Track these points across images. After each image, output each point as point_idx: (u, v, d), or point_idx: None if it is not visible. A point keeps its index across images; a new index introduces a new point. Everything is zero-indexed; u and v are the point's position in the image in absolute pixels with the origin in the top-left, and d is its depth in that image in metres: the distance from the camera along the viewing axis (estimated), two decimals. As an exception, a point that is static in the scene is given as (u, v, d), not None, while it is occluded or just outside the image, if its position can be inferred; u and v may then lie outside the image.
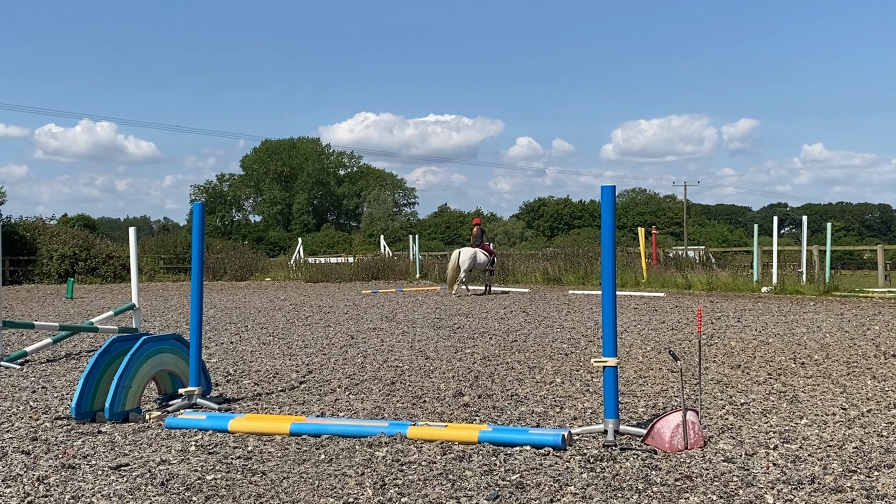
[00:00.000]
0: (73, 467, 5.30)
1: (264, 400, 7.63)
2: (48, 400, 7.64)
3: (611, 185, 6.05)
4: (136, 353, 6.86)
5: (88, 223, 51.37)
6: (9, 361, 9.81)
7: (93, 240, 33.81)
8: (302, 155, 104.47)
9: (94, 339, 12.26)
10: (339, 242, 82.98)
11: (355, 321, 14.94)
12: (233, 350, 11.09)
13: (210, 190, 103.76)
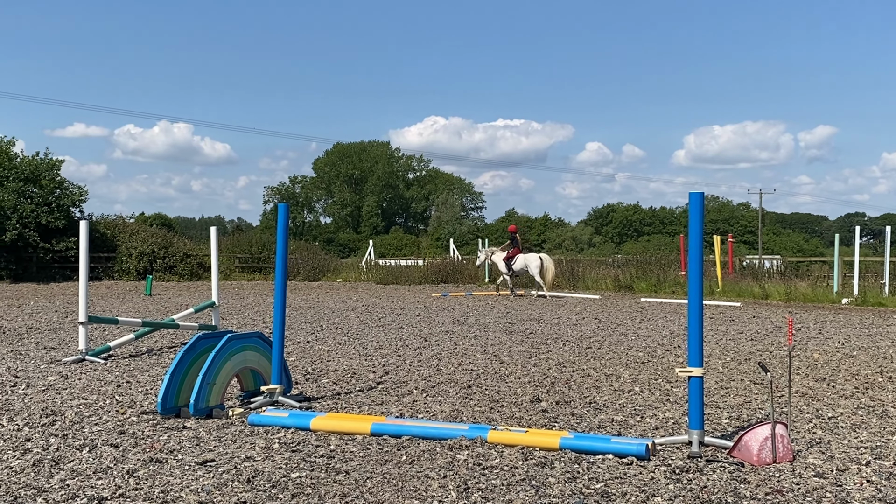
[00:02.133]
0: (161, 461, 5.41)
1: (343, 399, 7.69)
2: (133, 394, 7.82)
3: (699, 192, 5.93)
4: (221, 351, 6.98)
5: (165, 222, 52.57)
6: (93, 356, 10.08)
7: (170, 238, 34.63)
8: (372, 158, 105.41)
9: (174, 336, 12.52)
10: (407, 245, 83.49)
11: (427, 324, 14.98)
12: (310, 349, 11.22)
13: (283, 191, 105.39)
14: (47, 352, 10.81)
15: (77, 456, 5.50)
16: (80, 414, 6.84)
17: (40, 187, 31.74)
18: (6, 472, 5.12)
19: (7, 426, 6.36)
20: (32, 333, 12.95)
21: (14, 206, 29.86)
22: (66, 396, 7.63)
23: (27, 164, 32.20)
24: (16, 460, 5.37)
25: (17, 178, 31.23)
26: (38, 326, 14.07)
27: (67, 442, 5.87)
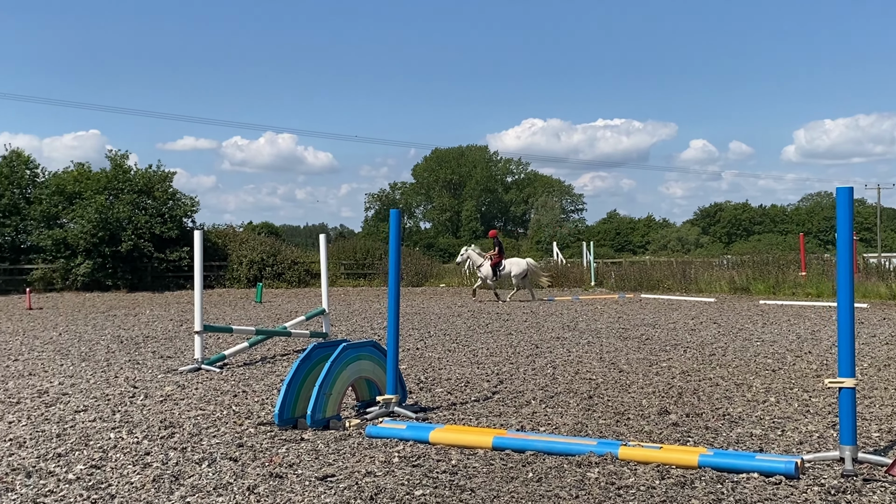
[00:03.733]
0: (281, 476, 5.25)
1: (459, 410, 7.43)
2: (249, 404, 7.74)
3: (848, 187, 5.45)
4: (337, 360, 6.82)
5: (272, 230, 53.65)
6: (209, 365, 10.12)
7: (279, 246, 35.23)
8: (470, 162, 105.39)
9: (286, 343, 12.53)
10: (508, 249, 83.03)
11: (536, 329, 14.63)
12: (420, 357, 11.03)
13: (383, 198, 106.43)
14: (164, 361, 10.93)
15: (197, 471, 5.39)
16: (198, 426, 6.78)
17: (154, 199, 32.72)
18: (126, 487, 5.04)
19: (127, 439, 6.33)
20: (149, 342, 13.17)
21: (129, 217, 30.84)
22: (184, 407, 7.60)
23: (141, 176, 33.26)
24: (136, 475, 5.29)
25: (131, 190, 32.28)
26: (155, 335, 14.33)
27: (186, 455, 5.78)
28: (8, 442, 6.26)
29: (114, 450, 5.97)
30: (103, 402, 7.86)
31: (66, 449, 6.01)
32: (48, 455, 5.83)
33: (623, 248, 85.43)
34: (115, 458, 5.74)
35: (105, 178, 32.73)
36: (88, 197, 31.39)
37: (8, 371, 10.07)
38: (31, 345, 12.90)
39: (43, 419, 7.13)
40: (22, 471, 5.41)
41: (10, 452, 5.93)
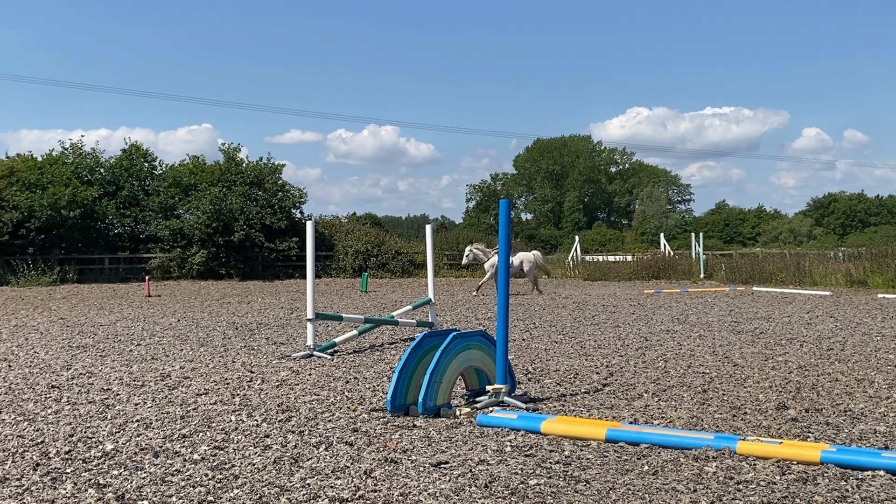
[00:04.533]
0: (396, 462, 5.33)
1: (569, 401, 7.39)
2: (361, 391, 7.89)
3: None
4: (447, 349, 6.88)
5: (375, 221, 54.35)
6: (320, 352, 10.36)
7: (383, 237, 35.74)
8: (573, 153, 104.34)
9: (393, 332, 12.70)
10: (611, 240, 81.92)
11: (645, 322, 14.42)
12: (526, 347, 11.01)
13: (484, 189, 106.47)
14: (277, 347, 11.23)
15: (315, 454, 5.53)
16: (313, 410, 6.95)
17: (264, 190, 33.60)
18: (249, 468, 5.21)
19: (247, 422, 6.54)
20: (262, 329, 13.56)
21: (241, 208, 31.77)
22: (299, 392, 7.80)
23: (252, 169, 34.22)
24: (257, 457, 5.46)
25: (243, 182, 33.24)
26: (267, 322, 14.74)
27: (304, 439, 5.94)
28: (136, 423, 6.56)
29: (235, 432, 6.18)
30: (223, 386, 8.15)
31: (189, 430, 6.25)
32: (173, 436, 6.08)
33: (732, 240, 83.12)
34: (237, 439, 5.94)
35: (218, 171, 33.81)
36: (203, 189, 32.49)
37: (132, 355, 10.53)
38: (151, 330, 13.45)
39: (167, 401, 7.43)
40: (150, 450, 5.66)
41: (138, 433, 6.21)
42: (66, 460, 5.44)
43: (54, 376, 8.88)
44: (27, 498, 4.66)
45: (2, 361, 10.03)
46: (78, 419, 6.71)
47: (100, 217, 32.25)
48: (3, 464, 5.37)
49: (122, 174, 33.70)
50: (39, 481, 4.97)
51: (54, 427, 6.43)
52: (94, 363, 9.84)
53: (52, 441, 5.96)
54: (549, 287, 26.47)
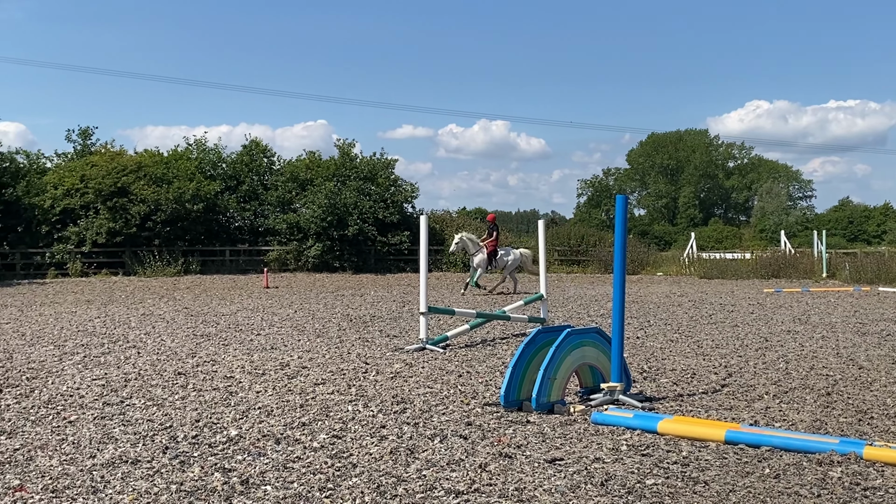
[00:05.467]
0: (510, 457, 5.34)
1: (687, 402, 7.24)
2: (474, 385, 7.93)
3: None
4: (561, 345, 6.84)
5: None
6: (433, 345, 10.46)
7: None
8: (689, 147, 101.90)
9: (504, 327, 12.71)
10: (728, 237, 79.66)
11: (765, 322, 13.97)
12: (641, 346, 10.84)
13: (596, 184, 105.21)
14: (390, 340, 11.40)
15: (430, 445, 5.60)
16: (427, 403, 7.03)
17: (377, 185, 34.12)
18: (367, 458, 5.32)
19: (363, 412, 6.67)
20: (375, 321, 13.79)
21: (355, 202, 32.35)
22: (413, 385, 7.90)
23: (365, 164, 34.79)
24: (374, 447, 5.57)
25: (357, 177, 33.83)
26: (380, 315, 14.97)
27: (419, 431, 6.02)
28: (257, 410, 6.78)
29: (352, 421, 6.32)
30: (339, 377, 8.33)
31: (309, 419, 6.42)
32: (294, 424, 6.26)
33: (856, 238, 79.58)
34: (354, 429, 6.07)
35: (333, 166, 34.51)
36: (319, 183, 33.22)
37: (252, 345, 10.87)
38: (270, 321, 13.86)
39: (286, 390, 7.65)
40: (271, 437, 5.84)
41: (260, 420, 6.42)
42: (193, 444, 5.67)
43: (180, 363, 9.26)
44: (157, 479, 4.88)
45: (132, 348, 10.52)
46: (203, 405, 6.98)
47: (221, 210, 33.40)
48: (135, 446, 5.64)
49: (242, 169, 34.79)
50: (169, 464, 5.20)
51: (181, 412, 6.71)
52: (217, 351, 10.21)
53: (179, 426, 6.22)
54: (664, 285, 25.97)
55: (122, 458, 5.33)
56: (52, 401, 7.21)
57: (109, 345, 10.83)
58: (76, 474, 4.98)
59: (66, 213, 30.15)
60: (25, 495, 4.59)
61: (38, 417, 6.58)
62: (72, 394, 7.52)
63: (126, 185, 30.15)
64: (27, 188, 30.60)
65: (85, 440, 5.80)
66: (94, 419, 6.48)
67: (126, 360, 9.57)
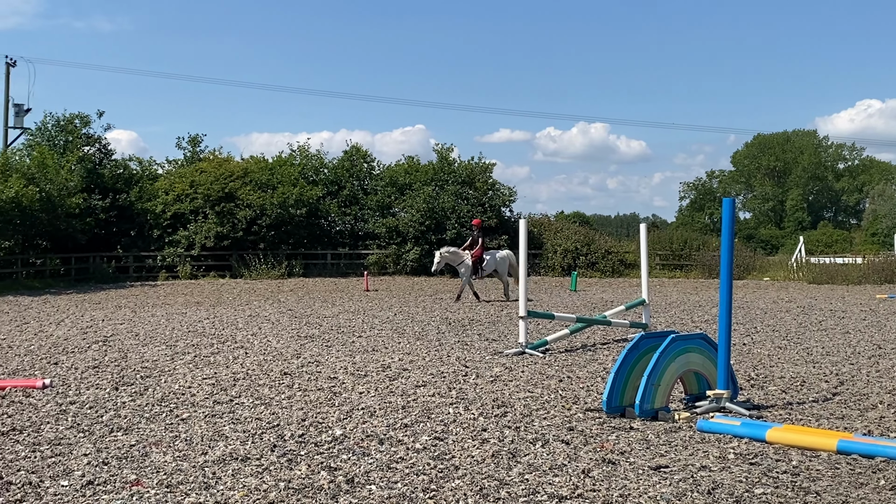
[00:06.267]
0: (613, 463, 5.29)
1: (796, 410, 7.03)
2: (575, 390, 7.88)
3: None
4: (665, 351, 6.73)
5: (584, 220, 54.04)
6: (532, 349, 10.43)
7: (592, 235, 35.43)
8: (796, 148, 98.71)
9: (604, 332, 12.58)
10: (838, 241, 76.80)
11: (877, 328, 13.43)
12: (747, 352, 10.56)
13: (699, 187, 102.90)
14: (489, 343, 11.42)
15: (531, 450, 5.59)
16: (528, 407, 7.02)
17: (475, 189, 34.23)
18: (468, 460, 5.35)
19: (464, 415, 6.71)
20: (474, 325, 13.83)
21: (453, 206, 32.55)
22: (513, 388, 7.90)
23: (463, 168, 34.96)
24: (476, 450, 5.59)
25: (455, 181, 34.03)
26: (479, 319, 15.01)
27: (521, 435, 6.02)
28: (361, 410, 6.89)
29: (453, 424, 6.36)
30: (439, 379, 8.39)
31: (411, 420, 6.50)
32: (396, 425, 6.34)
33: (977, 242, 75.71)
34: (456, 431, 6.11)
35: (432, 170, 34.80)
36: (417, 188, 33.56)
37: (354, 346, 11.06)
38: (371, 323, 14.07)
39: (388, 391, 7.75)
40: (375, 438, 5.94)
41: (364, 420, 6.53)
42: (299, 443, 5.81)
43: (286, 364, 9.50)
44: (266, 476, 5.02)
45: (239, 349, 10.84)
46: (308, 405, 7.15)
47: (323, 215, 34.08)
48: (244, 444, 5.81)
49: (343, 174, 35.43)
50: (277, 461, 5.34)
51: (288, 411, 6.88)
52: (320, 353, 10.43)
53: (286, 424, 6.39)
54: (771, 291, 25.23)
55: (233, 455, 5.50)
56: (165, 399, 7.50)
57: (218, 345, 11.19)
58: (189, 470, 5.17)
59: (176, 217, 31.29)
60: (142, 489, 4.79)
61: (153, 415, 6.84)
62: (183, 392, 7.79)
63: (233, 190, 31.11)
64: (140, 194, 31.89)
65: (197, 437, 6.01)
66: (205, 417, 6.71)
67: (234, 359, 9.87)
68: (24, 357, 10.23)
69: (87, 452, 5.59)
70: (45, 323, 14.43)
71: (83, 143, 32.21)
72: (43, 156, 27.52)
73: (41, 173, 26.57)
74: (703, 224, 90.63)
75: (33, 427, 6.39)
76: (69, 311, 16.79)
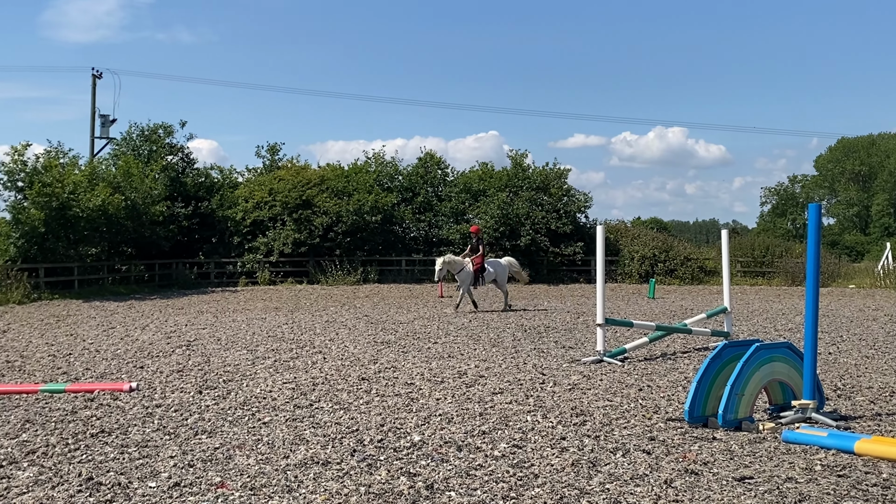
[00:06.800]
0: (696, 473, 5.19)
1: (885, 421, 6.80)
2: (655, 399, 7.76)
3: None
4: (749, 360, 6.58)
5: (661, 226, 53.29)
6: (610, 357, 10.31)
7: (671, 242, 34.86)
8: (882, 152, 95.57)
9: (685, 340, 12.37)
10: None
11: (973, 339, 12.90)
12: (834, 362, 10.26)
13: (781, 192, 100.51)
14: (566, 351, 11.33)
15: (612, 459, 5.53)
16: (607, 416, 6.94)
17: (549, 195, 34.05)
18: (548, 469, 5.31)
19: (542, 423, 6.67)
20: (550, 332, 13.75)
21: (527, 213, 32.43)
22: (591, 397, 7.82)
23: (538, 174, 34.80)
24: (555, 458, 5.55)
25: (529, 187, 33.91)
26: (555, 326, 14.92)
27: (600, 444, 5.96)
28: (438, 416, 6.91)
29: (531, 432, 6.33)
30: (516, 387, 8.36)
31: (488, 427, 6.49)
32: (474, 432, 6.34)
33: None
34: (534, 439, 6.08)
35: (506, 176, 34.73)
36: (491, 194, 33.54)
37: (430, 352, 11.10)
38: (446, 329, 14.10)
39: (465, 398, 7.76)
40: (453, 444, 5.94)
41: (442, 426, 6.54)
42: (378, 448, 5.85)
43: (363, 369, 9.59)
44: (347, 481, 5.07)
45: (318, 354, 10.98)
46: (386, 410, 7.20)
47: (398, 221, 34.35)
48: (324, 448, 5.88)
49: (417, 181, 35.65)
50: (357, 466, 5.39)
51: (366, 416, 6.94)
52: (396, 358, 10.50)
53: (365, 429, 6.44)
54: (857, 298, 24.47)
55: (314, 459, 5.58)
56: (246, 402, 7.64)
57: (297, 350, 11.36)
58: (272, 473, 5.25)
59: (255, 224, 31.93)
60: (226, 492, 4.89)
61: (235, 418, 6.98)
62: (265, 396, 7.93)
63: (310, 197, 31.61)
64: (220, 201, 32.65)
65: (278, 441, 6.11)
66: (286, 421, 6.82)
67: (313, 364, 10.00)
68: (112, 361, 10.55)
69: (172, 454, 5.74)
70: (131, 328, 14.86)
71: (166, 153, 33.16)
72: (128, 165, 28.39)
73: (126, 182, 27.41)
74: (785, 230, 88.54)
75: (121, 429, 6.58)
76: (153, 316, 17.26)
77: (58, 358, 10.85)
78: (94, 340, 12.80)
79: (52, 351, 11.55)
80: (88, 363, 10.38)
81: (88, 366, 10.15)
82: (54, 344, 12.39)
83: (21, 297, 21.63)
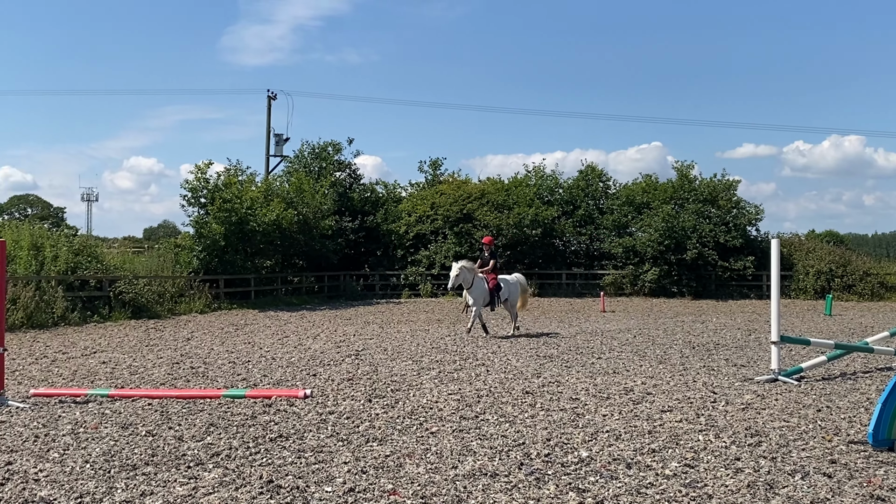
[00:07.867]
0: (883, 500, 4.90)
1: None
2: (835, 420, 7.36)
3: None
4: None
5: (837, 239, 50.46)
6: (786, 376, 9.86)
7: (849, 256, 32.96)
8: None
9: (866, 360, 11.67)
10: None
11: None
12: None
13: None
14: (737, 369, 10.93)
15: (790, 482, 5.29)
16: (784, 437, 6.65)
17: (717, 208, 32.98)
18: (722, 489, 5.14)
19: (714, 443, 6.46)
20: (720, 350, 13.30)
21: (694, 226, 31.53)
22: (766, 417, 7.51)
23: (705, 186, 33.77)
24: (729, 479, 5.37)
25: (695, 199, 32.96)
26: (724, 343, 14.42)
27: (777, 465, 5.71)
28: (605, 433, 6.82)
29: (703, 451, 6.14)
30: (686, 405, 8.13)
31: (658, 445, 6.34)
32: (643, 450, 6.21)
33: None
34: (706, 459, 5.90)
35: (671, 189, 33.90)
36: (655, 207, 32.83)
37: (594, 368, 10.97)
38: (609, 345, 13.90)
39: (632, 415, 7.62)
40: (622, 461, 5.85)
41: (609, 443, 6.45)
42: (546, 462, 5.84)
43: (526, 382, 9.59)
44: (515, 494, 5.09)
45: (481, 366, 11.08)
46: (552, 424, 7.17)
47: (558, 235, 34.22)
48: (492, 460, 5.92)
49: (578, 194, 35.39)
50: (525, 479, 5.40)
51: (532, 430, 6.94)
52: (560, 373, 10.44)
53: (531, 443, 6.44)
54: None
55: (482, 470, 5.63)
56: (414, 412, 7.80)
57: (461, 362, 11.50)
58: (441, 483, 5.34)
59: (418, 237, 32.66)
60: (399, 499, 5.00)
61: (404, 427, 7.14)
62: (431, 406, 8.07)
63: (470, 211, 32.01)
64: (385, 216, 33.59)
65: (446, 451, 6.20)
66: (453, 431, 6.91)
67: (476, 376, 10.10)
68: (286, 368, 11.03)
69: (346, 461, 5.93)
70: (303, 336, 15.50)
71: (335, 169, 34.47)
72: (300, 181, 29.70)
73: (298, 197, 28.67)
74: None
75: (297, 434, 6.86)
76: (323, 326, 17.93)
77: (237, 365, 11.45)
78: (270, 348, 13.43)
79: (232, 358, 12.20)
80: (265, 370, 10.89)
81: (265, 373, 10.65)
82: (234, 351, 13.08)
83: (203, 307, 23.04)
